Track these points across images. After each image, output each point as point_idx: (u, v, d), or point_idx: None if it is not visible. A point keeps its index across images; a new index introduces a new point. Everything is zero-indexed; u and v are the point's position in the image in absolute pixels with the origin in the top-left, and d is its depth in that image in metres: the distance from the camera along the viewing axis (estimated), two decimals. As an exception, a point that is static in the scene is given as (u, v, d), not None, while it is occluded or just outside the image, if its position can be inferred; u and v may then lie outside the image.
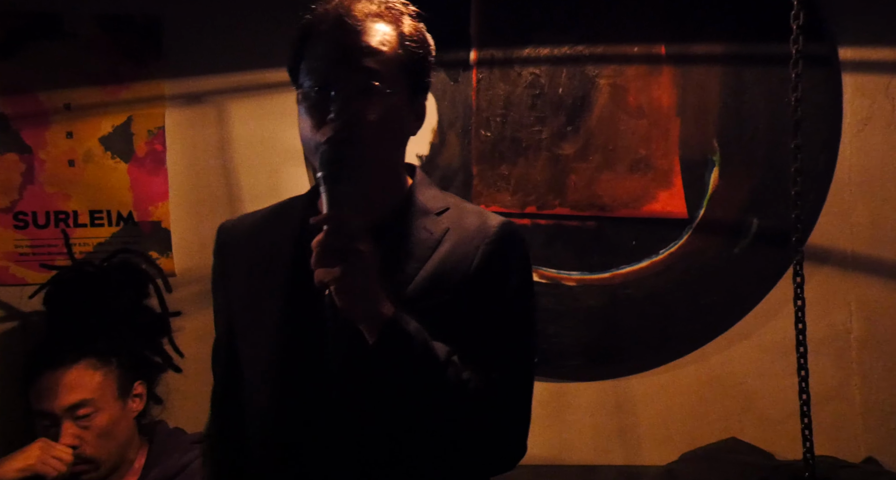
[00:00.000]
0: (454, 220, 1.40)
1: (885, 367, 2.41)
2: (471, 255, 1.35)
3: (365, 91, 1.31)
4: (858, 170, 2.40)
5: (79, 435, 2.10)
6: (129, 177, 2.51)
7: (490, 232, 1.38)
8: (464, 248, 1.36)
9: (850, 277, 2.42)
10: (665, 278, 2.45)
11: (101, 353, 2.19)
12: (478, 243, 1.36)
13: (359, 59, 1.31)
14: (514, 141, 2.47)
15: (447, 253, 1.36)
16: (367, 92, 1.31)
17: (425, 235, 1.37)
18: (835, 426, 2.40)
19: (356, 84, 1.31)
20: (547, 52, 2.46)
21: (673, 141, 2.44)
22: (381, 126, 1.32)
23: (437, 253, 1.36)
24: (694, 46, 2.43)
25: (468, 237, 1.37)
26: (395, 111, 1.34)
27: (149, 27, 2.49)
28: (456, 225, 1.39)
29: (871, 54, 2.38)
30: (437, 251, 1.36)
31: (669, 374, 2.47)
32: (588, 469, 2.46)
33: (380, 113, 1.31)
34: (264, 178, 2.50)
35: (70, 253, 2.45)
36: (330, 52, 1.33)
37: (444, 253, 1.36)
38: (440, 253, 1.36)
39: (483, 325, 1.33)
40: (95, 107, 2.50)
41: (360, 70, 1.31)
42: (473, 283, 1.34)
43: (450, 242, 1.37)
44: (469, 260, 1.35)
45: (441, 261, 1.35)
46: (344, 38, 1.32)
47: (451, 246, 1.36)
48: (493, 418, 1.31)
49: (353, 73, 1.31)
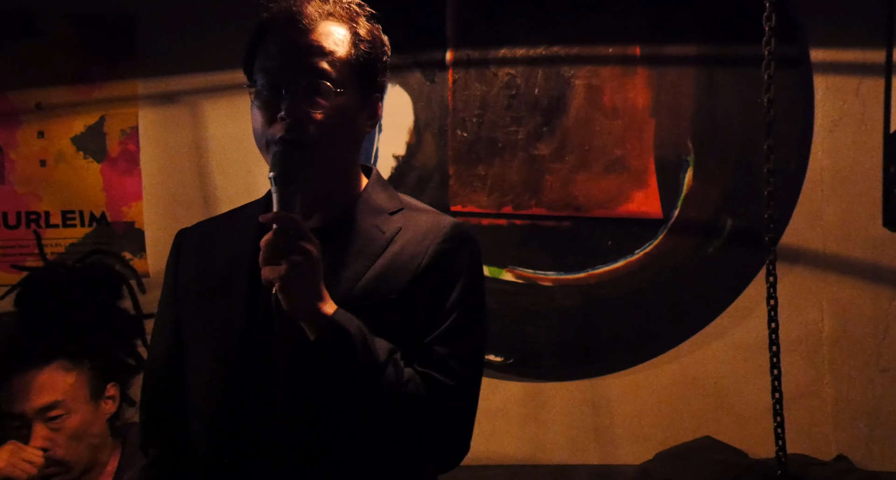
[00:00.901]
0: (407, 220, 1.42)
1: (855, 366, 2.44)
2: (421, 255, 1.37)
3: (315, 91, 1.33)
4: (830, 170, 2.43)
5: (50, 438, 2.08)
6: (102, 178, 2.49)
7: (441, 232, 1.40)
8: (414, 248, 1.38)
9: (822, 277, 2.44)
10: (640, 278, 2.46)
11: (74, 355, 2.17)
12: (428, 243, 1.38)
13: (310, 58, 1.33)
14: (490, 141, 2.48)
15: (398, 252, 1.38)
16: (317, 92, 1.33)
17: (377, 234, 1.39)
18: (807, 424, 2.43)
19: (307, 84, 1.32)
20: (523, 52, 2.46)
21: (648, 141, 2.45)
22: (331, 126, 1.33)
23: (387, 252, 1.38)
24: (668, 47, 2.44)
25: (419, 237, 1.39)
26: (347, 111, 1.36)
27: (121, 26, 2.47)
28: (408, 225, 1.41)
29: (842, 56, 2.41)
30: (387, 250, 1.38)
31: (644, 374, 2.49)
32: (564, 469, 2.47)
33: (330, 113, 1.33)
34: (239, 179, 2.49)
35: (42, 254, 2.42)
36: (282, 52, 1.34)
37: (395, 252, 1.38)
38: (391, 251, 1.38)
39: (430, 324, 1.35)
40: (67, 107, 2.48)
41: (311, 70, 1.33)
42: (422, 282, 1.36)
43: (401, 241, 1.39)
44: (419, 260, 1.37)
45: (391, 260, 1.37)
46: (296, 37, 1.34)
47: (401, 245, 1.38)
48: (434, 418, 1.33)
49: (304, 72, 1.33)
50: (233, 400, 1.37)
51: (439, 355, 1.34)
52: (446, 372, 1.33)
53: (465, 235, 1.42)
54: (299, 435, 1.33)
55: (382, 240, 1.38)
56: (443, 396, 1.32)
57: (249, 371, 1.36)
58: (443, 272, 1.37)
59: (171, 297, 1.49)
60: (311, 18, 1.34)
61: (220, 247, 1.46)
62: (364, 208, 1.42)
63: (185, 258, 1.50)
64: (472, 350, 1.40)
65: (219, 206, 2.48)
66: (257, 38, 1.38)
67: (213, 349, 1.40)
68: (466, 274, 1.39)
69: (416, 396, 1.29)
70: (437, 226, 1.41)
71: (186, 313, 1.46)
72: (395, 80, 2.48)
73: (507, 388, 2.51)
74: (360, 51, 1.37)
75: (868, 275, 2.43)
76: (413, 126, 2.49)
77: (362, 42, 1.38)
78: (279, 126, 1.31)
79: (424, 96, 2.48)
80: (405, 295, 1.35)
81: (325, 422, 1.32)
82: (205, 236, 1.51)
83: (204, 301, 1.43)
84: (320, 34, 1.34)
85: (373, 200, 1.44)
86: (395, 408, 1.29)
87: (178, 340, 1.47)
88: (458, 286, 1.37)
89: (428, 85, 2.48)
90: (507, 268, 2.49)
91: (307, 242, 1.24)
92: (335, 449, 1.33)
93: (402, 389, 1.29)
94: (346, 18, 1.38)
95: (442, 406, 1.33)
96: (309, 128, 1.32)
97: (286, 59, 1.33)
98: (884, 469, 2.38)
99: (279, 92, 1.32)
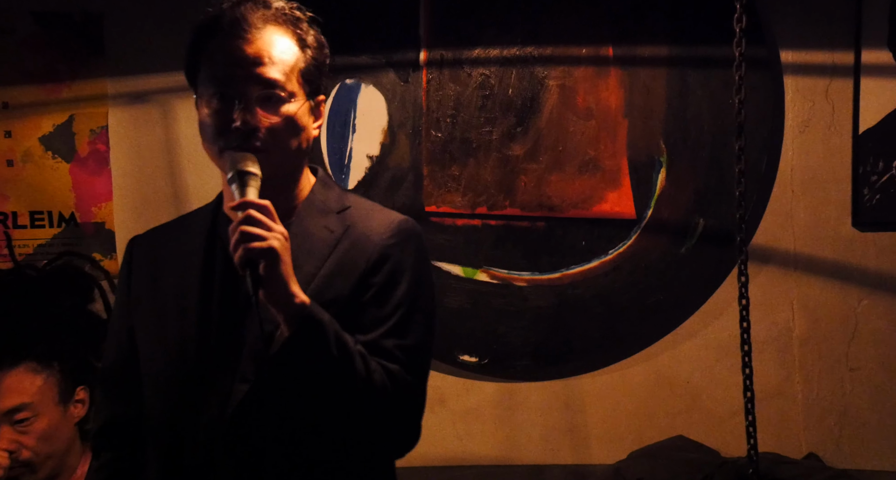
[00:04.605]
0: (355, 219, 1.45)
1: (825, 365, 2.46)
2: (369, 251, 1.41)
3: (267, 100, 1.35)
4: (800, 170, 2.45)
5: (17, 440, 2.06)
6: (71, 178, 2.46)
7: (388, 228, 1.43)
8: (363, 245, 1.41)
9: (793, 277, 2.46)
10: (613, 278, 2.47)
11: (42, 357, 2.15)
12: (376, 239, 1.42)
13: (259, 68, 1.34)
14: (464, 141, 2.47)
15: (346, 250, 1.41)
16: (269, 101, 1.35)
17: (325, 233, 1.42)
18: (778, 423, 2.45)
19: (259, 94, 1.34)
20: (496, 53, 2.46)
21: (621, 142, 2.46)
22: (283, 132, 1.36)
23: (336, 251, 1.41)
24: (640, 49, 2.45)
25: (367, 234, 1.42)
26: (298, 117, 1.38)
27: (89, 24, 2.44)
28: (356, 223, 1.44)
29: (811, 57, 2.43)
30: (336, 248, 1.41)
31: (618, 374, 2.50)
32: (537, 469, 2.47)
33: (282, 120, 1.36)
34: (210, 178, 2.46)
35: (12, 255, 2.39)
36: (229, 61, 1.35)
37: (344, 250, 1.41)
38: (340, 250, 1.41)
39: (381, 319, 1.39)
40: (35, 106, 2.44)
41: (262, 80, 1.35)
42: (371, 278, 1.39)
43: (349, 240, 1.42)
44: (367, 256, 1.40)
45: (341, 258, 1.40)
46: (242, 46, 1.35)
47: (350, 243, 1.42)
48: (395, 407, 1.38)
49: (256, 83, 1.34)
50: (189, 401, 1.38)
51: (392, 347, 1.37)
52: (401, 363, 1.37)
53: (411, 230, 1.46)
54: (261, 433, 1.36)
55: (331, 240, 1.41)
56: (401, 386, 1.36)
57: (205, 373, 1.38)
58: (391, 267, 1.41)
59: (125, 304, 1.51)
60: (254, 25, 1.36)
61: (171, 253, 1.48)
62: (311, 208, 1.45)
63: (138, 265, 1.52)
64: (423, 341, 1.44)
65: (190, 206, 2.43)
66: (199, 42, 1.39)
67: (169, 353, 1.42)
68: (414, 268, 1.43)
69: (382, 386, 1.34)
70: (384, 222, 1.44)
71: (140, 319, 1.48)
72: (368, 81, 2.48)
73: (480, 388, 2.52)
74: (306, 57, 1.40)
75: (838, 275, 2.45)
76: (387, 126, 2.48)
77: (307, 47, 1.40)
78: (233, 135, 1.33)
79: (398, 96, 2.48)
80: (356, 291, 1.39)
81: (296, 413, 1.35)
82: (156, 243, 1.53)
83: (157, 306, 1.45)
84: (267, 42, 1.36)
85: (320, 200, 1.46)
86: (364, 397, 1.33)
87: (132, 346, 1.49)
88: (405, 279, 1.41)
89: (402, 85, 2.48)
90: (482, 269, 2.49)
91: (280, 226, 1.27)
92: (298, 444, 1.36)
93: (371, 378, 1.33)
94: (289, 24, 1.39)
95: (401, 396, 1.37)
96: (262, 135, 1.34)
97: (235, 69, 1.35)
98: (853, 467, 2.41)
99: (231, 101, 1.34)
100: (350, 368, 1.31)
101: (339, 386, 1.32)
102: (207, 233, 1.46)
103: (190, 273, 1.43)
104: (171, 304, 1.43)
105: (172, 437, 1.40)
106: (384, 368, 1.35)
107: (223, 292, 1.40)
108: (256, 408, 1.35)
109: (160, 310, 1.44)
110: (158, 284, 1.46)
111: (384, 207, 1.52)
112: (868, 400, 2.45)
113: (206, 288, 1.41)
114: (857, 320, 2.45)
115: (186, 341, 1.40)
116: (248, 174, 1.30)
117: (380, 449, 1.45)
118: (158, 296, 1.45)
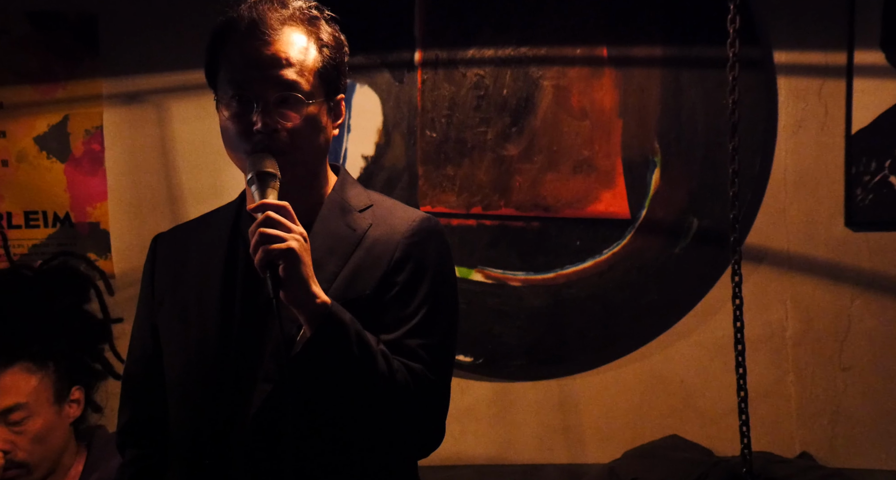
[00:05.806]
0: (376, 217, 1.44)
1: (818, 364, 2.47)
2: (391, 250, 1.40)
3: (286, 102, 1.35)
4: (793, 170, 2.46)
5: (11, 440, 2.06)
6: (66, 178, 2.46)
7: (410, 226, 1.43)
8: (385, 243, 1.41)
9: (786, 276, 2.47)
10: (608, 278, 2.48)
11: (38, 357, 2.15)
12: (398, 238, 1.41)
13: (278, 70, 1.34)
14: (459, 142, 2.48)
15: (369, 249, 1.40)
16: (288, 103, 1.35)
17: (348, 232, 1.41)
18: (771, 422, 2.46)
19: (278, 96, 1.34)
20: (491, 53, 2.47)
21: (615, 142, 2.47)
22: (303, 133, 1.36)
23: (359, 249, 1.40)
24: (634, 49, 2.46)
25: (389, 232, 1.42)
26: (317, 118, 1.38)
27: (83, 24, 2.44)
28: (378, 221, 1.44)
29: (804, 58, 2.44)
30: (359, 247, 1.40)
31: (612, 373, 2.50)
32: (532, 468, 2.48)
33: (302, 121, 1.35)
34: (206, 179, 2.47)
35: (8, 255, 2.39)
36: (248, 64, 1.35)
37: (366, 248, 1.40)
38: (362, 248, 1.40)
39: (404, 317, 1.38)
40: (29, 107, 2.44)
41: (281, 82, 1.34)
42: (394, 276, 1.39)
43: (371, 238, 1.41)
44: (390, 255, 1.40)
45: (363, 257, 1.40)
46: (261, 47, 1.35)
47: (372, 241, 1.41)
48: (418, 406, 1.37)
49: (275, 85, 1.34)
50: (211, 401, 1.38)
51: (416, 346, 1.37)
52: (424, 362, 1.36)
53: (434, 228, 1.45)
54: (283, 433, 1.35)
55: (353, 238, 1.41)
56: (424, 386, 1.35)
57: (227, 373, 1.38)
58: (413, 265, 1.40)
59: (149, 302, 1.51)
60: (272, 27, 1.35)
61: (194, 252, 1.48)
62: (333, 207, 1.44)
63: (161, 263, 1.51)
64: (446, 340, 1.43)
65: (185, 206, 2.46)
66: (218, 44, 1.39)
67: (190, 352, 1.42)
68: (436, 265, 1.43)
69: (405, 385, 1.33)
70: (406, 220, 1.44)
71: (163, 318, 1.47)
72: (363, 81, 2.48)
73: (475, 388, 2.52)
74: (325, 57, 1.39)
75: (831, 275, 2.46)
76: (382, 126, 2.48)
77: (326, 47, 1.40)
78: (254, 137, 1.33)
79: (393, 96, 2.48)
80: (379, 290, 1.38)
81: (319, 414, 1.34)
82: (179, 241, 1.53)
83: (179, 306, 1.45)
84: (285, 43, 1.36)
85: (342, 199, 1.45)
86: (387, 397, 1.32)
87: (156, 343, 1.48)
88: (428, 278, 1.41)
89: (397, 85, 2.48)
90: (477, 269, 2.49)
91: (299, 227, 1.27)
92: (321, 444, 1.35)
93: (393, 378, 1.32)
94: (307, 24, 1.39)
95: (424, 395, 1.36)
96: (283, 137, 1.34)
97: (254, 72, 1.34)
98: (846, 466, 2.42)
99: (250, 104, 1.34)
100: (372, 368, 1.30)
101: (361, 385, 1.31)
102: (230, 231, 1.45)
103: (212, 272, 1.43)
104: (194, 304, 1.43)
105: (194, 437, 1.40)
106: (407, 367, 1.34)
107: (245, 292, 1.40)
108: (279, 409, 1.34)
109: (183, 310, 1.44)
110: (181, 283, 1.46)
111: (406, 205, 1.51)
112: (861, 399, 2.46)
113: (229, 288, 1.41)
114: (850, 319, 2.46)
115: (208, 341, 1.39)
116: (268, 175, 1.30)
117: (403, 450, 1.44)
118: (181, 295, 1.45)
